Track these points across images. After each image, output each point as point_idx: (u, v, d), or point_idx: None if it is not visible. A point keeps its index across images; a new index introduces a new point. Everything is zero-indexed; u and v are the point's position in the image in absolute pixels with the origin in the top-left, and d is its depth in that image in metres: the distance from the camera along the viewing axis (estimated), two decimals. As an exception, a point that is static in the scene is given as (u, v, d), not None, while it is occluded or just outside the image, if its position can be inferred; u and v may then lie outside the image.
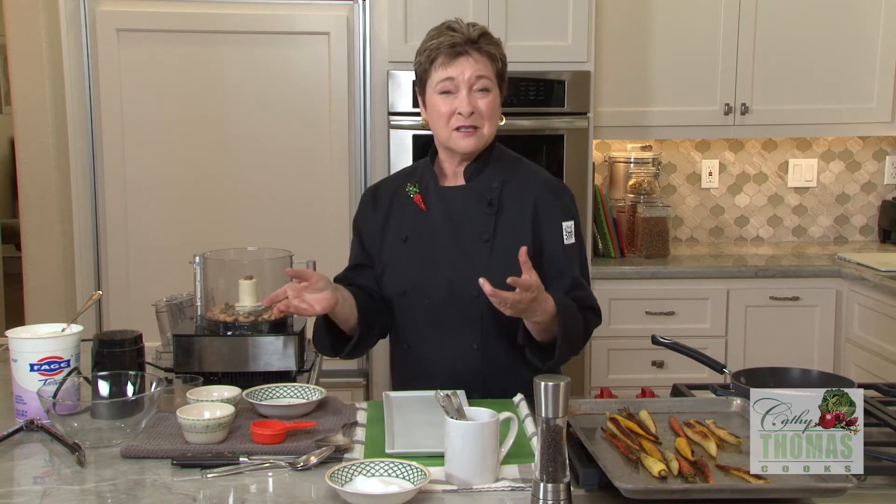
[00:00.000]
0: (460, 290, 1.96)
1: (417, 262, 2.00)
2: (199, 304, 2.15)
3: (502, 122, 2.03)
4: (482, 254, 1.94)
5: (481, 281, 1.71)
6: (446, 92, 1.93)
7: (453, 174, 2.03)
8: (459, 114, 1.92)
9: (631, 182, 3.85)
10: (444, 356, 2.00)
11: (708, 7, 3.68)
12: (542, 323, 1.83)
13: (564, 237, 1.95)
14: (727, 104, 3.71)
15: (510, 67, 2.11)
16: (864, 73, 3.74)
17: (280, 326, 2.10)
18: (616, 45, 3.64)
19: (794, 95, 3.74)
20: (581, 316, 1.91)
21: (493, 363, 1.99)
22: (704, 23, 3.69)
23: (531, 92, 3.39)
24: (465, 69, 1.92)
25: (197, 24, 3.39)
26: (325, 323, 1.97)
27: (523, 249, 1.74)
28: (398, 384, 2.12)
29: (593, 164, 3.60)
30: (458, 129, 1.93)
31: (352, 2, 3.43)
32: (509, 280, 1.70)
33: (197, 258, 2.16)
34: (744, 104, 3.71)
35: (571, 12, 3.38)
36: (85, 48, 3.36)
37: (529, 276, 1.72)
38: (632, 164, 3.87)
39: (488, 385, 1.96)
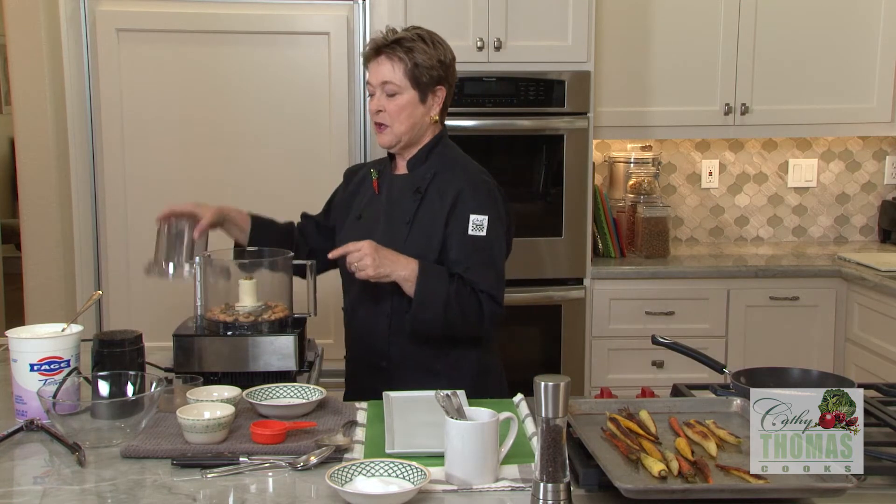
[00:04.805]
0: None
1: (360, 236, 2.16)
2: (199, 304, 2.15)
3: (434, 119, 2.19)
4: (402, 234, 2.14)
5: (331, 255, 2.06)
6: (370, 94, 2.18)
7: (402, 164, 2.24)
8: (373, 113, 2.18)
9: (631, 182, 3.85)
10: (364, 322, 2.22)
11: (708, 7, 3.68)
12: (410, 282, 2.04)
13: (469, 228, 2.11)
14: (727, 104, 3.71)
15: (509, 67, 2.16)
16: (864, 73, 3.75)
17: (280, 326, 2.10)
18: (616, 45, 3.64)
19: (794, 95, 3.74)
20: (453, 286, 2.05)
21: (400, 334, 2.15)
22: (704, 23, 3.69)
23: (531, 92, 3.39)
24: (375, 74, 2.16)
25: (197, 24, 3.39)
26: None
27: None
28: (347, 343, 2.34)
29: (593, 164, 3.60)
30: (377, 125, 2.18)
31: (352, 2, 3.43)
32: (330, 255, 2.06)
33: (197, 258, 2.16)
34: (744, 104, 3.71)
35: (571, 12, 3.38)
36: (85, 48, 3.36)
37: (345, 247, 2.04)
38: (632, 164, 3.87)
39: (392, 353, 2.16)
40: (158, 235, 2.22)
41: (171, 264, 2.18)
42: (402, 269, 2.04)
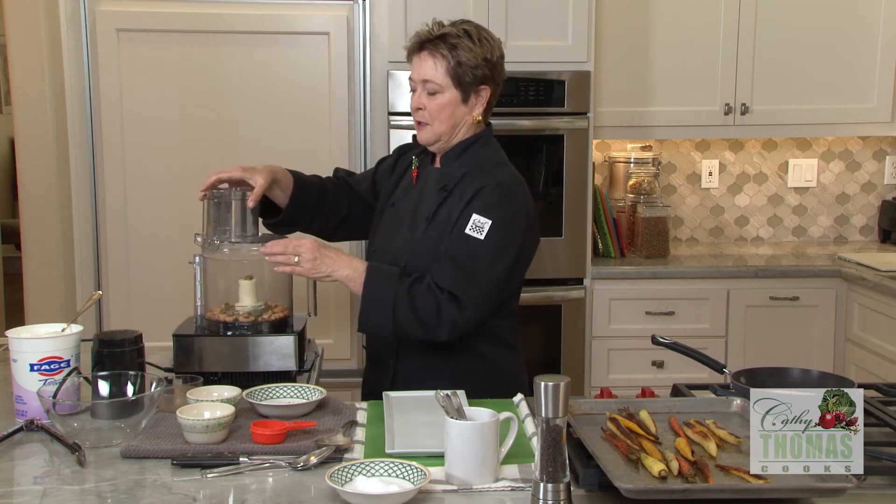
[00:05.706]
0: (398, 257, 2.10)
1: (390, 225, 2.17)
2: (199, 303, 2.15)
3: (476, 119, 2.11)
4: (421, 229, 2.09)
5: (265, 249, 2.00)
6: (412, 89, 2.11)
7: (437, 159, 2.19)
8: (413, 109, 2.12)
9: (631, 182, 3.85)
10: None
11: (708, 7, 3.68)
12: (354, 282, 2.00)
13: (468, 227, 2.00)
14: (727, 104, 3.71)
15: (509, 67, 2.15)
16: (864, 73, 3.75)
17: (280, 326, 2.10)
18: (616, 45, 3.64)
19: (794, 95, 3.74)
20: (404, 285, 1.97)
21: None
22: (704, 23, 3.69)
23: (531, 92, 3.39)
24: (416, 71, 2.08)
25: (197, 24, 3.38)
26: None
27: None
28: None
29: (593, 164, 3.60)
30: (417, 122, 2.12)
31: (352, 2, 3.43)
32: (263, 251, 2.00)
33: (197, 258, 2.16)
34: (744, 104, 3.71)
35: (571, 12, 3.38)
36: (85, 48, 3.35)
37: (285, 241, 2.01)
38: (632, 164, 3.87)
39: (401, 345, 2.11)
40: (207, 207, 2.14)
41: (225, 242, 2.10)
42: (345, 269, 1.99)
